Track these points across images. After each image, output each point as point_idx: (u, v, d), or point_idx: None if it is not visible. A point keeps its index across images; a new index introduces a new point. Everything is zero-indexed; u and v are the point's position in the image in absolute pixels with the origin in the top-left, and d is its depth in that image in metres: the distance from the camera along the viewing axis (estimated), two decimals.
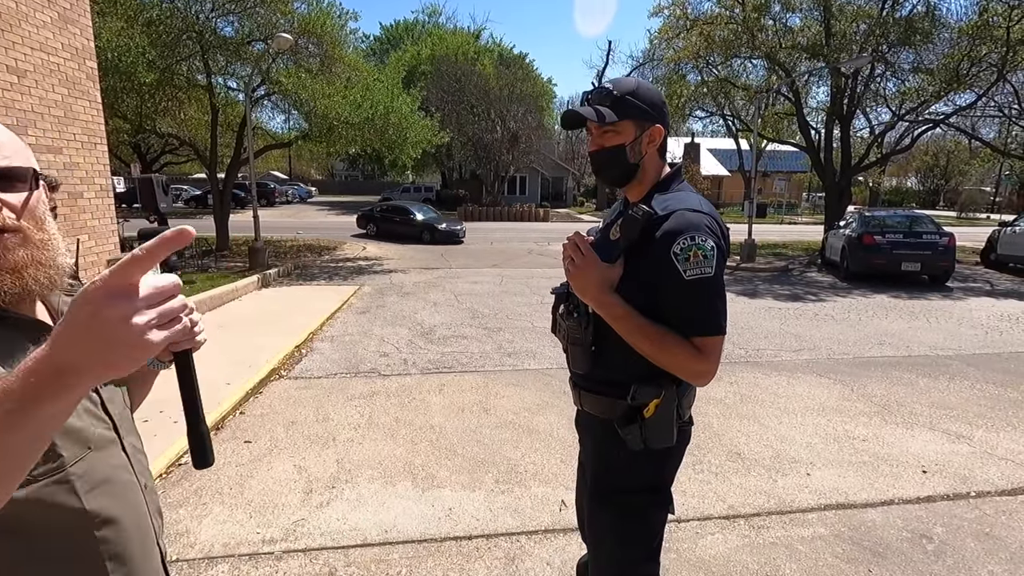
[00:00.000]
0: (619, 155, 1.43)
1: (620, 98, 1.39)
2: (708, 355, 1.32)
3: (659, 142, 1.45)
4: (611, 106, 1.40)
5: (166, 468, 3.38)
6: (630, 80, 1.46)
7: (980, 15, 13.12)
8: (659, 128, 1.43)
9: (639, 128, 1.41)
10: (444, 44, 36.61)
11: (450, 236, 17.73)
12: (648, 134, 1.42)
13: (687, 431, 1.53)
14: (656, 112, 1.43)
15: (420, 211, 18.63)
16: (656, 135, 1.43)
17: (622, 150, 1.43)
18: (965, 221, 31.48)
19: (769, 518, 2.98)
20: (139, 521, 0.88)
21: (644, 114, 1.41)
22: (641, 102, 1.41)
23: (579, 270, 1.40)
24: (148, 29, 10.56)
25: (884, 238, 10.94)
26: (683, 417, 1.47)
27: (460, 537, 2.78)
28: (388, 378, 5.20)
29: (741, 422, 4.26)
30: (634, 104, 1.40)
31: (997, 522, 2.94)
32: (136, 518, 0.87)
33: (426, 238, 17.57)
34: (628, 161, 1.44)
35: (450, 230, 17.84)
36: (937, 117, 16.19)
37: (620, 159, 1.44)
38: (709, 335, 1.32)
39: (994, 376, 5.41)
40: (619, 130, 1.41)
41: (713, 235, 1.33)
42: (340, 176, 60.09)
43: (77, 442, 0.78)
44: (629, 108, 1.40)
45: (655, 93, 1.45)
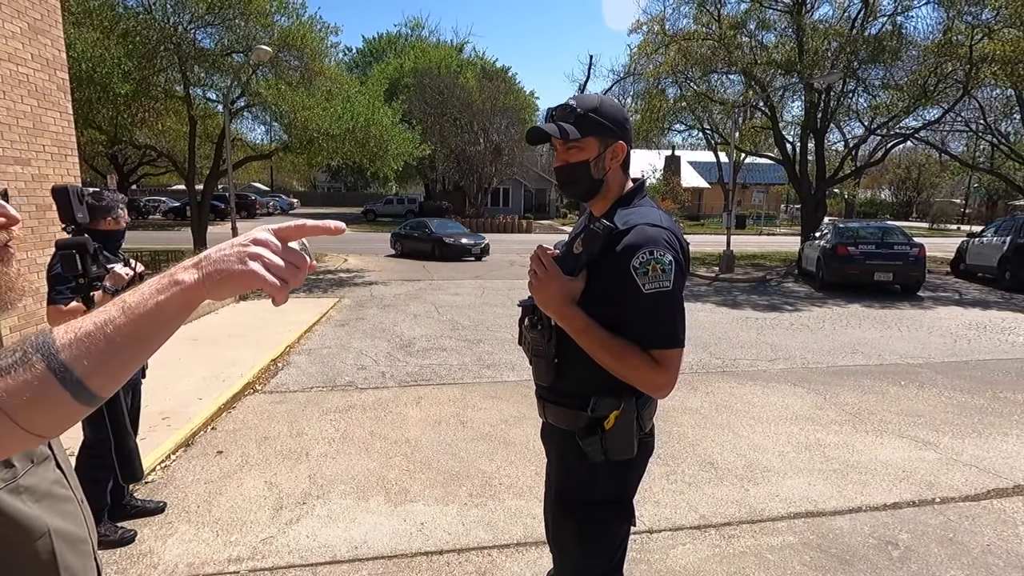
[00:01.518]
0: (583, 171, 1.46)
1: (583, 115, 1.42)
2: (666, 367, 1.34)
3: (622, 158, 1.48)
4: (574, 123, 1.43)
5: (131, 488, 3.30)
6: (593, 97, 1.49)
7: (944, 34, 13.61)
8: (622, 144, 1.46)
9: (602, 144, 1.44)
10: (427, 57, 36.78)
11: (459, 251, 15.91)
12: (611, 150, 1.45)
13: (649, 443, 1.54)
14: (619, 128, 1.46)
15: (437, 225, 17.29)
16: (619, 151, 1.46)
17: (586, 166, 1.45)
18: (937, 232, 32.33)
19: (740, 527, 3.00)
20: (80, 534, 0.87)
21: (607, 131, 1.44)
22: (603, 119, 1.44)
23: (541, 283, 1.42)
24: (124, 40, 10.49)
25: (857, 249, 11.18)
26: (644, 429, 1.48)
27: (431, 552, 2.76)
28: (365, 391, 5.15)
29: (716, 431, 4.29)
30: (597, 121, 1.43)
31: (960, 527, 3.00)
32: (77, 531, 0.86)
33: (436, 253, 16.06)
34: (592, 176, 1.47)
35: (459, 244, 16.04)
36: (907, 131, 16.70)
37: (584, 174, 1.47)
38: (667, 347, 1.34)
39: (961, 384, 5.53)
40: (583, 146, 1.44)
41: (672, 249, 1.35)
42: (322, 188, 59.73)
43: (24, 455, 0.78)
44: (592, 125, 1.42)
45: (618, 110, 1.48)
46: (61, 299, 2.43)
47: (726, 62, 15.25)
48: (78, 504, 0.89)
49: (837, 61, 14.10)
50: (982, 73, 13.34)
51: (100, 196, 2.66)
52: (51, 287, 2.42)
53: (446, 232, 16.63)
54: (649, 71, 17.24)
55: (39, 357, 0.58)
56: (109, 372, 0.61)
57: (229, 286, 0.67)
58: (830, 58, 14.36)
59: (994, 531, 2.97)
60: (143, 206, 33.34)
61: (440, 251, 15.94)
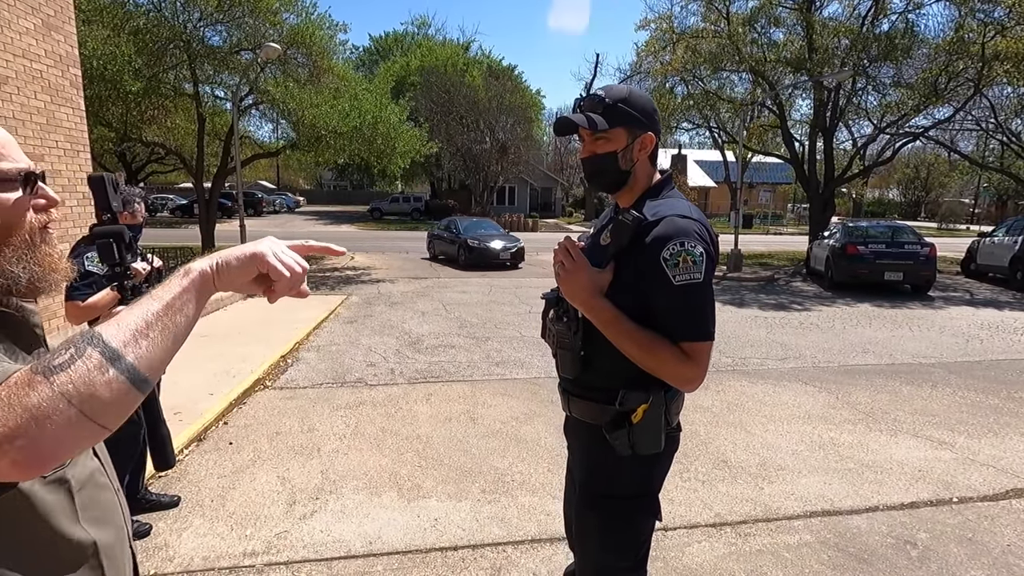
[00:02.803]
0: (611, 162, 1.44)
1: (612, 105, 1.40)
2: (696, 360, 1.32)
3: (650, 149, 1.46)
4: (603, 113, 1.41)
5: (147, 479, 3.31)
6: (622, 88, 1.47)
7: (956, 32, 13.48)
8: (650, 136, 1.44)
9: (631, 135, 1.43)
10: (433, 55, 36.80)
11: (486, 257, 13.76)
12: (640, 141, 1.43)
13: (675, 438, 1.52)
14: (647, 119, 1.44)
15: (467, 225, 15.32)
16: (648, 142, 1.44)
17: (614, 157, 1.44)
18: (945, 232, 32.09)
19: (755, 525, 2.98)
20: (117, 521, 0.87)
21: (636, 121, 1.42)
22: (633, 109, 1.42)
23: (569, 274, 1.40)
24: (135, 38, 10.53)
25: (867, 248, 11.10)
26: (671, 423, 1.47)
27: (445, 548, 2.75)
28: (375, 388, 5.15)
29: (728, 430, 4.27)
30: (626, 111, 1.41)
31: (980, 527, 2.97)
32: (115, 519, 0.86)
33: (462, 258, 14.19)
34: (620, 168, 1.45)
35: (485, 248, 13.90)
36: (917, 130, 16.57)
37: (612, 166, 1.45)
38: (698, 340, 1.33)
39: (975, 383, 5.48)
40: (611, 137, 1.42)
41: (702, 241, 1.34)
42: (328, 186, 59.88)
43: None
44: (621, 115, 1.40)
45: (647, 100, 1.46)
46: (79, 295, 2.44)
47: (735, 60, 15.16)
48: (114, 492, 0.89)
49: (847, 59, 14.01)
50: (994, 71, 13.22)
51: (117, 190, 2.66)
52: (72, 282, 2.40)
53: (474, 234, 14.57)
54: (656, 69, 17.17)
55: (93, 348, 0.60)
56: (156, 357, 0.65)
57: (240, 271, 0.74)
58: (840, 56, 14.28)
59: (1014, 531, 2.93)
60: (151, 203, 33.49)
61: (466, 256, 14.04)
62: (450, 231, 15.23)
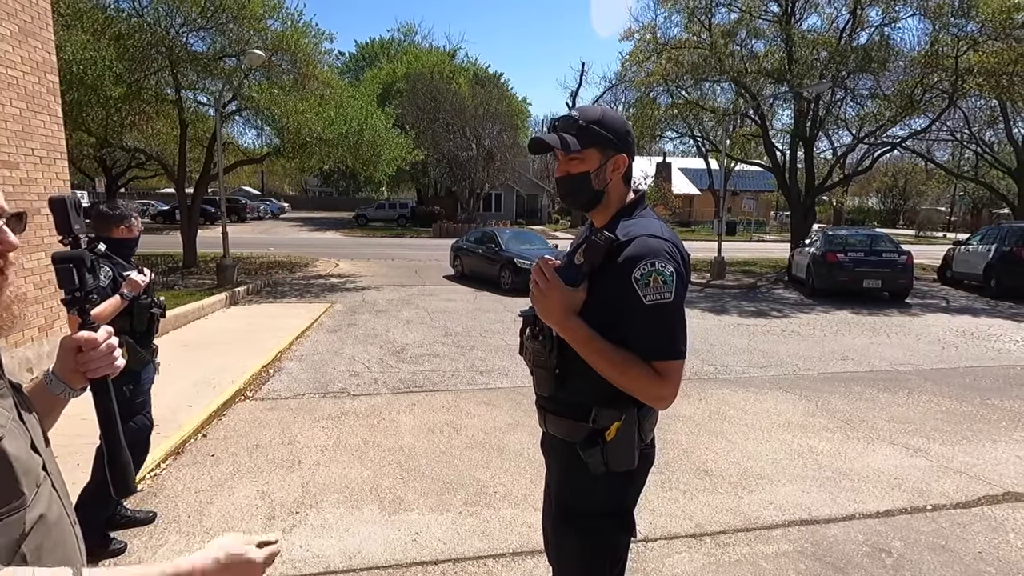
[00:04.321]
0: (584, 182, 1.47)
1: (585, 127, 1.43)
2: (668, 379, 1.34)
3: (623, 170, 1.48)
4: (576, 134, 1.43)
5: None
6: (596, 108, 1.50)
7: (931, 45, 13.85)
8: (623, 157, 1.46)
9: (604, 156, 1.45)
10: (419, 62, 36.86)
11: None
12: (613, 162, 1.46)
13: (649, 454, 1.54)
14: (620, 141, 1.46)
15: (509, 238, 12.64)
16: (620, 163, 1.47)
17: (587, 177, 1.46)
18: (923, 239, 32.76)
19: (735, 535, 3.01)
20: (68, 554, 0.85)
21: (608, 142, 1.44)
22: (605, 131, 1.44)
23: (543, 294, 1.41)
24: (116, 43, 10.39)
25: (847, 256, 11.30)
26: (645, 440, 1.48)
27: (426, 562, 2.73)
28: (357, 398, 5.12)
29: (709, 439, 4.31)
30: (598, 133, 1.43)
31: (952, 535, 3.03)
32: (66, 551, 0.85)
33: (505, 280, 11.59)
34: (593, 188, 1.47)
35: None
36: (894, 140, 16.95)
37: (585, 186, 1.47)
38: (669, 359, 1.34)
39: (950, 391, 5.59)
40: (583, 158, 1.45)
41: (673, 261, 1.35)
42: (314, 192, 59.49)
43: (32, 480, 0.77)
44: (593, 136, 1.43)
45: (620, 122, 1.49)
46: None
47: (717, 70, 15.39)
48: (71, 523, 0.88)
49: (826, 71, 14.30)
50: (967, 84, 13.59)
51: (114, 205, 2.82)
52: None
53: (520, 250, 11.93)
54: (640, 79, 17.38)
55: None
56: None
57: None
58: (819, 67, 14.56)
59: (985, 538, 2.99)
60: None
61: (512, 278, 11.36)
62: (486, 245, 12.61)
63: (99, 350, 0.98)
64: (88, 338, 0.99)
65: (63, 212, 0.99)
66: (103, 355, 0.98)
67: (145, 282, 2.69)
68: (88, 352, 0.98)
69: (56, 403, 1.00)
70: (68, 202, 0.99)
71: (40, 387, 1.00)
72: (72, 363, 0.99)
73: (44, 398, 0.98)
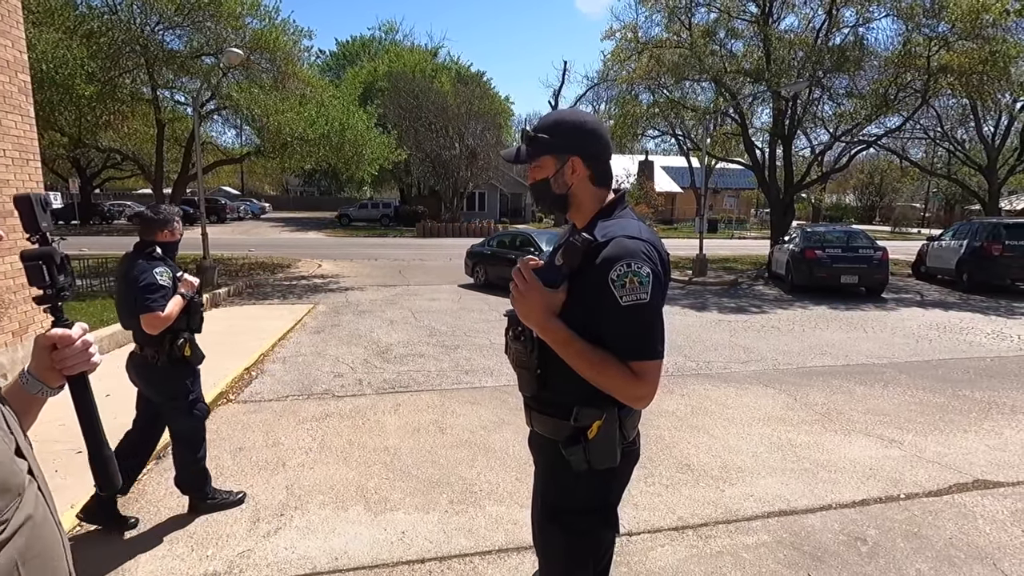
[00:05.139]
0: (545, 188, 1.53)
1: (533, 137, 1.51)
2: (645, 379, 1.36)
3: (584, 172, 1.50)
4: (529, 144, 1.51)
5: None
6: (551, 116, 1.55)
7: (904, 45, 14.16)
8: (576, 159, 1.49)
9: (559, 161, 1.49)
10: (401, 61, 36.65)
11: None
12: (569, 166, 1.49)
13: (632, 452, 1.56)
14: (572, 144, 1.49)
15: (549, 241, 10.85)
16: (576, 166, 1.49)
17: (546, 183, 1.52)
18: (899, 235, 33.50)
19: (716, 527, 3.07)
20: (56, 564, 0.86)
21: (559, 148, 1.49)
22: (555, 137, 1.49)
23: (522, 296, 1.44)
24: (87, 41, 10.18)
25: (824, 252, 11.53)
26: (627, 438, 1.50)
27: (413, 561, 2.75)
28: (342, 399, 5.10)
29: (691, 434, 4.38)
30: (546, 141, 1.49)
31: (924, 522, 3.12)
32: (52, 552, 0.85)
33: None
34: (554, 193, 1.53)
35: None
36: (870, 138, 17.30)
37: (547, 191, 1.54)
38: (645, 359, 1.36)
39: (923, 383, 5.75)
40: (541, 165, 1.52)
41: (649, 262, 1.36)
42: (295, 192, 58.83)
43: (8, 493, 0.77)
44: (542, 145, 1.50)
45: (573, 126, 1.51)
46: (156, 306, 2.72)
47: (697, 70, 15.56)
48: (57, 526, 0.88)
49: (803, 70, 14.54)
50: (939, 83, 13.92)
51: (157, 210, 2.97)
52: (144, 295, 2.72)
53: None
54: (622, 77, 17.50)
55: None
56: None
57: None
58: (796, 67, 14.80)
59: (956, 525, 3.09)
60: (107, 211, 32.35)
61: None
62: (521, 250, 10.98)
63: (74, 347, 0.98)
64: (62, 335, 0.98)
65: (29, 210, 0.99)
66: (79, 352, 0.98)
67: (197, 283, 2.94)
68: (63, 349, 0.98)
69: (33, 403, 1.00)
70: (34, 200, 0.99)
71: (16, 387, 0.99)
72: (48, 361, 0.99)
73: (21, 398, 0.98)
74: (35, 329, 5.24)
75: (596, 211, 1.52)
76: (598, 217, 1.50)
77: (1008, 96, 15.91)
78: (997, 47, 12.84)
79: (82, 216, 29.28)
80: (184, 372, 2.99)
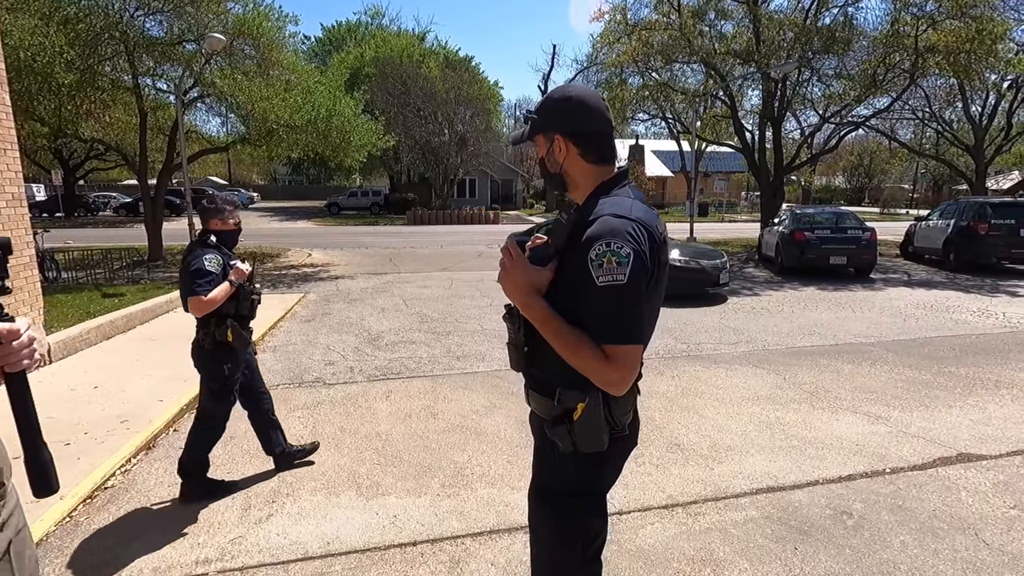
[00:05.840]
0: (543, 167, 1.56)
1: (527, 117, 1.54)
2: (616, 364, 1.30)
3: (570, 149, 1.46)
4: (527, 124, 1.54)
5: (91, 492, 3.20)
6: (547, 95, 1.54)
7: (892, 25, 14.12)
8: (558, 137, 1.47)
9: (547, 140, 1.50)
10: (388, 46, 36.14)
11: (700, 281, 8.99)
12: (556, 144, 1.48)
13: (624, 439, 1.51)
14: (553, 122, 1.48)
15: None
16: (559, 143, 1.47)
17: (543, 162, 1.55)
18: (887, 216, 33.71)
19: (705, 505, 3.11)
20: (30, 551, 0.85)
21: (544, 127, 1.50)
22: (541, 116, 1.50)
23: (507, 273, 1.43)
24: (65, 27, 9.93)
25: (814, 234, 11.58)
26: (617, 424, 1.44)
27: (404, 544, 2.76)
28: (333, 387, 5.09)
29: (682, 414, 4.41)
30: (536, 121, 1.51)
31: (909, 495, 3.18)
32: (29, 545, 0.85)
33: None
34: (549, 171, 1.54)
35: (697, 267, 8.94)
36: (859, 119, 17.32)
37: (544, 170, 1.57)
38: (619, 343, 1.30)
39: (910, 360, 5.82)
40: (537, 144, 1.55)
41: (632, 241, 1.30)
42: (283, 181, 58.24)
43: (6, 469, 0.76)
44: (534, 125, 1.52)
45: (554, 102, 1.49)
46: (202, 291, 2.86)
47: (687, 52, 15.46)
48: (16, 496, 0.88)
49: (792, 51, 14.49)
50: (927, 63, 13.91)
51: (212, 199, 3.15)
52: (192, 280, 2.87)
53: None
54: (611, 60, 17.35)
55: None
56: None
57: None
58: (786, 48, 14.74)
59: (939, 497, 3.15)
60: (92, 202, 31.87)
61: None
62: None
63: (21, 341, 0.95)
64: (10, 330, 0.95)
65: None
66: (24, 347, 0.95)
67: (248, 271, 3.07)
68: (8, 344, 0.94)
69: None
70: None
71: None
72: None
73: None
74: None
75: (593, 189, 1.48)
76: (595, 195, 1.46)
77: (995, 75, 15.96)
78: (983, 25, 12.84)
79: (66, 208, 28.85)
80: (225, 356, 3.09)
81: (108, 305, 7.61)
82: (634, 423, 1.55)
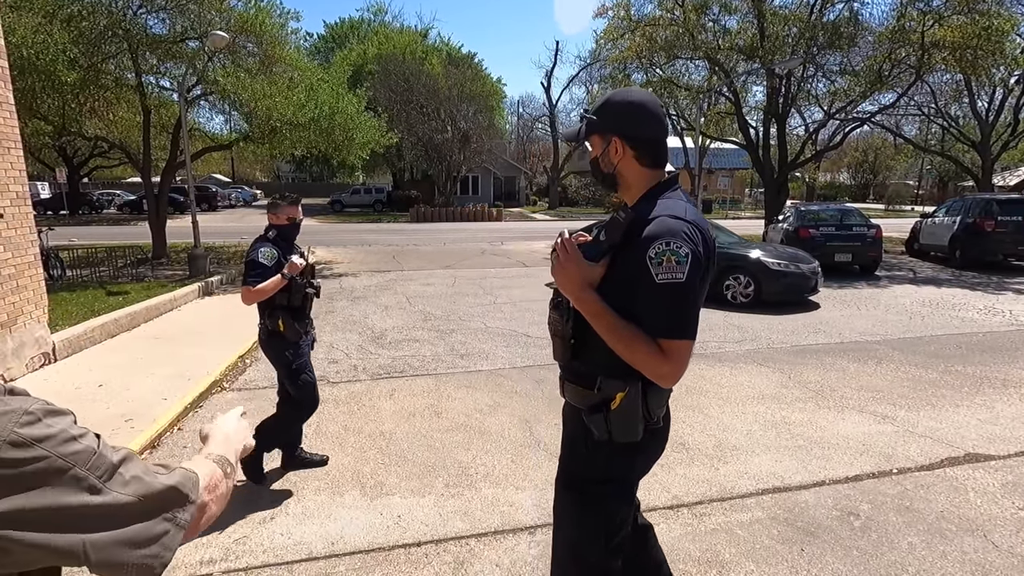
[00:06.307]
0: (595, 166, 1.61)
1: (584, 117, 1.58)
2: (671, 358, 1.38)
3: (627, 152, 1.52)
4: (583, 123, 1.58)
5: None
6: (605, 96, 1.59)
7: (897, 20, 13.99)
8: (616, 139, 1.52)
9: (604, 141, 1.54)
10: (391, 43, 36.05)
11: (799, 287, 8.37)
12: (612, 145, 1.52)
13: (659, 431, 1.60)
14: (614, 124, 1.52)
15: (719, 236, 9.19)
16: (617, 145, 1.52)
17: (596, 161, 1.59)
18: (892, 213, 33.53)
19: (711, 505, 3.09)
20: None
21: (601, 128, 1.54)
22: (600, 117, 1.54)
23: (561, 267, 1.48)
24: (68, 25, 9.92)
25: (818, 231, 11.52)
26: (652, 417, 1.52)
27: (409, 544, 2.76)
28: (337, 385, 5.09)
29: (687, 413, 4.39)
30: (593, 121, 1.55)
31: (916, 496, 3.15)
32: None
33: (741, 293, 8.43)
34: (602, 171, 1.59)
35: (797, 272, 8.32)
36: (864, 115, 17.19)
37: (596, 169, 1.61)
38: (675, 338, 1.38)
39: (916, 359, 5.78)
40: (592, 144, 1.59)
41: (689, 242, 1.38)
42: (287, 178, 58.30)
43: None
44: (591, 125, 1.56)
45: (617, 105, 1.54)
46: (251, 281, 3.03)
47: (690, 47, 15.37)
48: None
49: (797, 47, 14.39)
50: (933, 59, 13.79)
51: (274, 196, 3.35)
52: (246, 271, 3.07)
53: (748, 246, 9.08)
54: (614, 56, 17.27)
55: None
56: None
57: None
58: (790, 44, 14.64)
59: (947, 498, 3.13)
60: (96, 200, 31.94)
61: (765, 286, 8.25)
62: None
63: None
64: None
65: None
66: None
67: (303, 264, 3.17)
68: None
69: None
70: None
71: None
72: None
73: None
74: (24, 320, 5.19)
75: (645, 191, 1.54)
76: (649, 196, 1.53)
77: (1002, 71, 15.80)
78: (990, 21, 12.71)
79: (71, 206, 28.91)
80: (282, 344, 3.21)
81: (112, 303, 7.63)
82: (667, 416, 1.63)
